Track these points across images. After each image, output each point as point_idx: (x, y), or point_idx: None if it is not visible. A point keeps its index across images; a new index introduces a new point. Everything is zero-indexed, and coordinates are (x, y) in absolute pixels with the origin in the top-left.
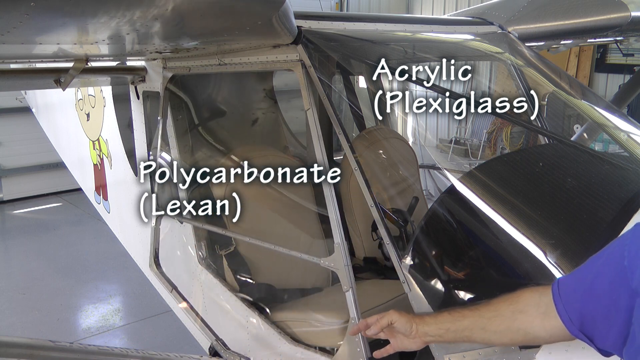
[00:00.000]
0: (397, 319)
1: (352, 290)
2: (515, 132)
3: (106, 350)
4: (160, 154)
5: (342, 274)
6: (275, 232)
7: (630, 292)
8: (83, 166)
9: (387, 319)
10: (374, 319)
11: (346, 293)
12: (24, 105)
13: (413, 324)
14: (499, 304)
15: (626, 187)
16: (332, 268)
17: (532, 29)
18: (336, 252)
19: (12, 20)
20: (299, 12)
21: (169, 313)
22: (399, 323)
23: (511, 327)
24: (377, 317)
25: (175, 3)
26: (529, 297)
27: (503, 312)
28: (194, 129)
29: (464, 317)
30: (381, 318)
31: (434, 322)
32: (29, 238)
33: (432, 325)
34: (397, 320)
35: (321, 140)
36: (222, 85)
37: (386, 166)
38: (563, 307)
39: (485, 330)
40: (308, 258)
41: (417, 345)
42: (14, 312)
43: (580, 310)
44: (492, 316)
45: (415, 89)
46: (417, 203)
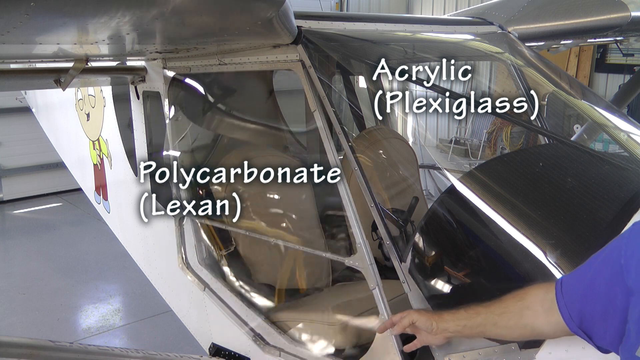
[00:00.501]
0: (417, 318)
1: (379, 288)
2: (515, 132)
3: (106, 350)
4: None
5: (368, 273)
6: (286, 231)
7: (626, 290)
8: (83, 166)
9: (407, 319)
10: (398, 317)
11: (373, 291)
12: (24, 105)
13: (433, 322)
14: (507, 300)
15: (626, 187)
16: (357, 267)
17: (532, 29)
18: (359, 252)
19: (12, 20)
20: (299, 12)
21: (169, 313)
22: (420, 322)
23: (519, 323)
24: (399, 316)
25: (175, 3)
26: (534, 294)
27: (511, 309)
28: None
29: (478, 314)
30: (402, 319)
31: (452, 320)
32: (29, 238)
33: (450, 323)
34: (417, 319)
35: (332, 141)
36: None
37: (386, 166)
38: (564, 305)
39: (496, 326)
40: (332, 257)
41: (439, 340)
42: (14, 312)
43: (580, 308)
44: (502, 312)
45: (415, 89)
46: (417, 203)
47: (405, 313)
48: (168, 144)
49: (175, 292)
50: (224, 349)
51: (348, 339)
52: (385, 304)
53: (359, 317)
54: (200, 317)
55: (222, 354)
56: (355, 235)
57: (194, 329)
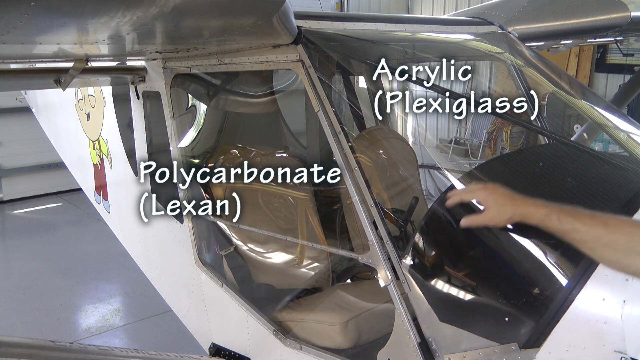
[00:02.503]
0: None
1: (394, 284)
2: (515, 132)
3: (106, 350)
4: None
5: (381, 270)
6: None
7: None
8: (83, 166)
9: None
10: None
11: (388, 287)
12: (24, 105)
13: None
14: (618, 234)
15: (626, 187)
16: (370, 264)
17: (532, 29)
18: (372, 249)
19: (12, 20)
20: (299, 12)
21: (169, 313)
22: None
23: (621, 262)
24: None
25: (175, 3)
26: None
27: (619, 246)
28: None
29: (585, 225)
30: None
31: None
32: (29, 238)
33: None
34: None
35: (339, 140)
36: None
37: (386, 166)
38: None
39: (594, 251)
40: (347, 254)
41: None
42: (14, 312)
43: None
44: (606, 245)
45: (415, 89)
46: (417, 203)
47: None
48: (168, 144)
49: (176, 291)
50: (224, 349)
51: (365, 334)
52: (401, 300)
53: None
54: (200, 317)
55: (222, 354)
56: (367, 233)
57: (194, 329)
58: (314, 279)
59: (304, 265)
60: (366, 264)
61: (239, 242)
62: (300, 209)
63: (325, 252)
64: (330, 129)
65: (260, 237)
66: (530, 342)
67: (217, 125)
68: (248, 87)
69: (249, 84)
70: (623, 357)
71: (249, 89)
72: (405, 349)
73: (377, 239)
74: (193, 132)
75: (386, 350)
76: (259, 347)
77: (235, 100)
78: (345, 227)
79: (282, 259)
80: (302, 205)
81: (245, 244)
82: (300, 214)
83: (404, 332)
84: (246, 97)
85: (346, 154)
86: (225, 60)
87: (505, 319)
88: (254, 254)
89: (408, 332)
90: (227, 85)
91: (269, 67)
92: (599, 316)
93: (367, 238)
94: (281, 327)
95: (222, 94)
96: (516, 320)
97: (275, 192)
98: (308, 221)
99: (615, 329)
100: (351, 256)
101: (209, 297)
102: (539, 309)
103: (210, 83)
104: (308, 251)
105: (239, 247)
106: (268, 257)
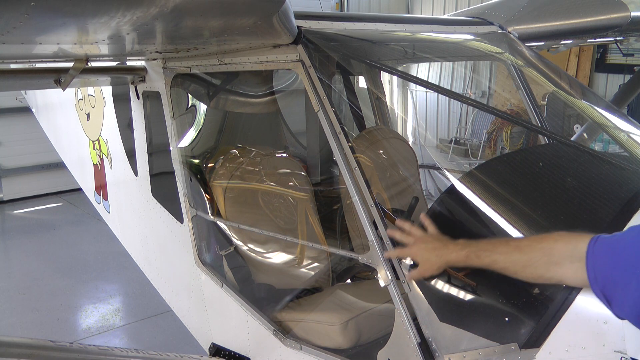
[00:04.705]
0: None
1: (394, 284)
2: (515, 132)
3: (106, 350)
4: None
5: (381, 270)
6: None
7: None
8: (83, 166)
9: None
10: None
11: (388, 287)
12: (24, 105)
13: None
14: (532, 252)
15: (626, 187)
16: (370, 264)
17: (532, 29)
18: (372, 249)
19: (12, 20)
20: (299, 12)
21: (169, 313)
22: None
23: (544, 276)
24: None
25: (175, 3)
26: (563, 249)
27: (536, 263)
28: None
29: (495, 263)
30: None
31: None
32: (29, 238)
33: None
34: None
35: (339, 140)
36: None
37: (386, 166)
38: (592, 265)
39: (517, 274)
40: (347, 254)
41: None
42: (14, 312)
43: (606, 273)
44: (525, 266)
45: (415, 89)
46: (417, 203)
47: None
48: (168, 144)
49: (176, 291)
50: (224, 349)
51: (365, 334)
52: (401, 300)
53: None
54: (200, 317)
55: (222, 354)
56: (367, 233)
57: (194, 329)
58: (314, 279)
59: (304, 265)
60: (366, 264)
61: (239, 242)
62: (300, 209)
63: (325, 252)
64: (330, 129)
65: (261, 237)
66: (530, 342)
67: (217, 125)
68: (248, 87)
69: (249, 84)
70: (623, 357)
71: (249, 89)
72: (405, 349)
73: (377, 239)
74: (193, 132)
75: (386, 350)
76: (259, 347)
77: (235, 100)
78: (345, 227)
79: (282, 259)
80: (302, 205)
81: (245, 244)
82: (300, 214)
83: (404, 332)
84: (246, 97)
85: (346, 154)
86: (225, 60)
87: (505, 319)
88: (254, 254)
89: (408, 332)
90: (227, 85)
91: (269, 67)
92: (599, 316)
93: (367, 238)
94: (281, 327)
95: (222, 93)
96: (516, 320)
97: (275, 192)
98: (308, 221)
99: (615, 329)
100: (351, 256)
101: (209, 297)
102: (539, 309)
103: (210, 83)
104: (308, 251)
105: (239, 247)
106: (268, 257)
